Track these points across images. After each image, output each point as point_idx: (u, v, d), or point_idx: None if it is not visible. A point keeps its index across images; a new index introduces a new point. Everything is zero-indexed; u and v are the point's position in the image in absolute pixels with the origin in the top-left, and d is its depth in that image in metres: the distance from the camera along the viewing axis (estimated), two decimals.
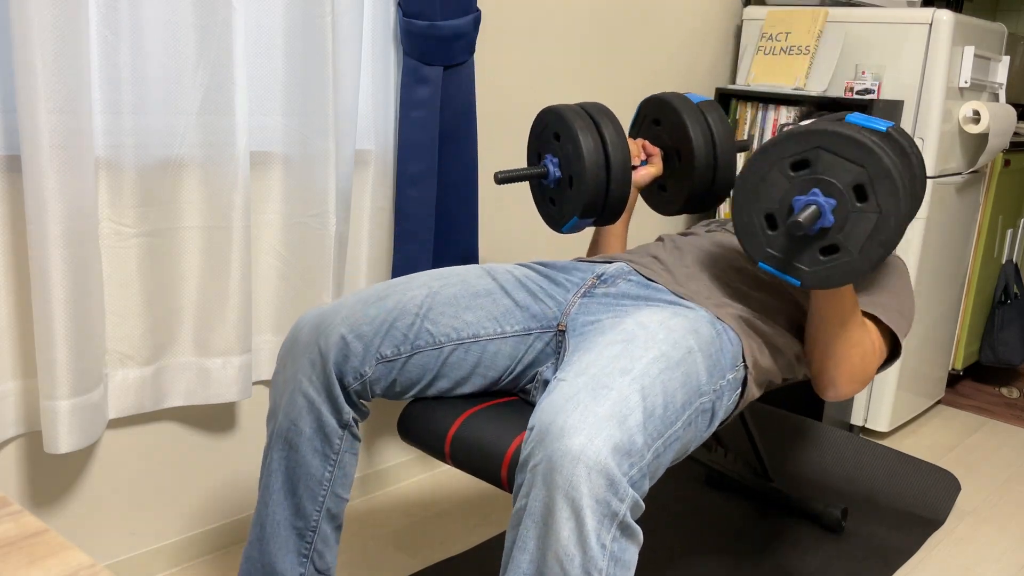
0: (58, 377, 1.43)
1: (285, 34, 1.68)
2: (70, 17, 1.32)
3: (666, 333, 1.23)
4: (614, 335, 1.22)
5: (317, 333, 1.31)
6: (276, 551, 1.35)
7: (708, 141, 1.67)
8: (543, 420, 1.08)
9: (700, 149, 1.67)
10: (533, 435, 1.08)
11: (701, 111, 1.70)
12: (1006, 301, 3.15)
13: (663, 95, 1.74)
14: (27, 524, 0.65)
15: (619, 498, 1.05)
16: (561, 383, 1.13)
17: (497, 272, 1.47)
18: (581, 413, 1.06)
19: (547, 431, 1.06)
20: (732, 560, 1.90)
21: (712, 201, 1.75)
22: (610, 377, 1.12)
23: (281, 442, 1.34)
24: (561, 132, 1.56)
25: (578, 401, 1.08)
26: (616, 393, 1.09)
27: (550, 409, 1.08)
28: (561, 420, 1.06)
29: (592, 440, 1.03)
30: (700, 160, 1.67)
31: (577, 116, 1.55)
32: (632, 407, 1.09)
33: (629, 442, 1.06)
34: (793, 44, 2.56)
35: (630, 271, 1.47)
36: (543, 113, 1.62)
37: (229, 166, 1.60)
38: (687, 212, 1.78)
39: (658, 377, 1.15)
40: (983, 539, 2.10)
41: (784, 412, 2.63)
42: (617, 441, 1.05)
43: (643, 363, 1.15)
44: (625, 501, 1.06)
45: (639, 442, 1.08)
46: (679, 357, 1.20)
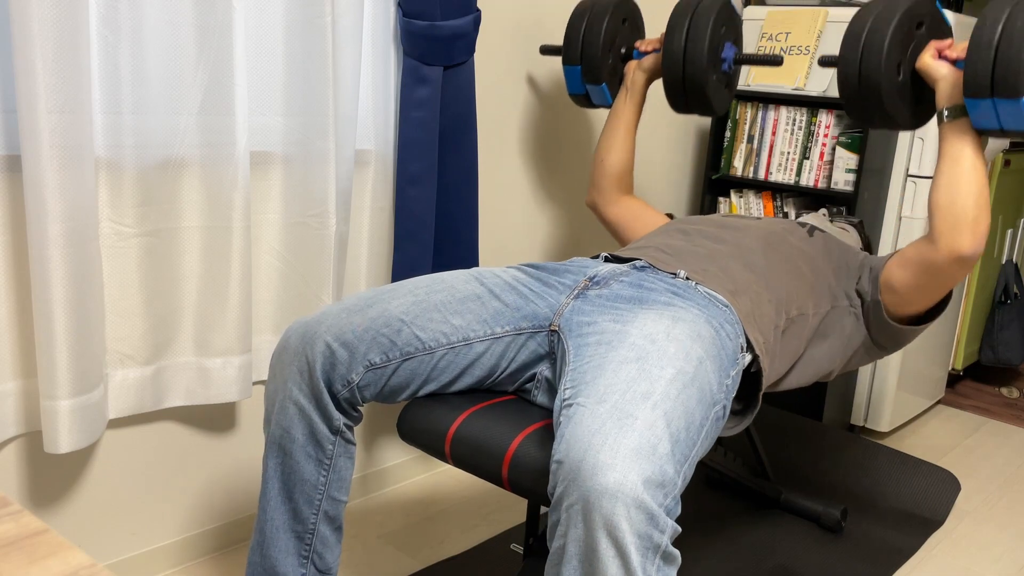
0: (58, 377, 1.43)
1: (285, 34, 1.68)
2: (70, 17, 1.32)
3: (676, 346, 1.23)
4: (625, 351, 1.21)
5: (303, 342, 1.32)
6: (277, 554, 1.36)
7: (681, 38, 1.85)
8: (572, 456, 1.07)
9: (670, 42, 1.86)
10: (563, 471, 1.07)
11: (693, 13, 1.86)
12: (1006, 301, 3.15)
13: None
14: (27, 524, 0.65)
15: (660, 530, 1.05)
16: (581, 410, 1.12)
17: (485, 277, 1.47)
18: (611, 448, 1.05)
19: (578, 468, 1.05)
20: (732, 560, 1.90)
21: (688, 100, 1.91)
22: (632, 404, 1.11)
23: (276, 449, 1.35)
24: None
25: (605, 434, 1.07)
26: (641, 422, 1.09)
27: (577, 444, 1.07)
28: (592, 457, 1.05)
29: (627, 476, 1.03)
30: (669, 54, 1.86)
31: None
32: (659, 436, 1.09)
33: (661, 473, 1.06)
34: (793, 44, 2.55)
35: (624, 272, 1.47)
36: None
37: (229, 166, 1.60)
38: (671, 105, 1.95)
39: (678, 398, 1.15)
40: (983, 539, 2.10)
41: (784, 412, 2.63)
42: (649, 474, 1.05)
43: (662, 384, 1.15)
44: (666, 532, 1.06)
45: (670, 472, 1.08)
46: (693, 371, 1.20)
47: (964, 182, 1.53)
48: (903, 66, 1.62)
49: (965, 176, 1.53)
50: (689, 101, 1.92)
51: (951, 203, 1.53)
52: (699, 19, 1.86)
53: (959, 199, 1.52)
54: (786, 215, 2.56)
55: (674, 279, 1.45)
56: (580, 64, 1.99)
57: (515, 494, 1.32)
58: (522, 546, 1.88)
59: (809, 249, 1.66)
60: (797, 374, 1.58)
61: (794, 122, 2.50)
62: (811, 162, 2.48)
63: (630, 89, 2.01)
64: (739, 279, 1.48)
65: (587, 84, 2.01)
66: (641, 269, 1.49)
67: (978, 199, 1.52)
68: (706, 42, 1.84)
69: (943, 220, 1.54)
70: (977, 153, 1.54)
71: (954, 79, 1.56)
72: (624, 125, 2.02)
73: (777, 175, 2.55)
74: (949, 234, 1.53)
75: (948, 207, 1.53)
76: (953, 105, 1.55)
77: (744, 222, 1.70)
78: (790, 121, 2.51)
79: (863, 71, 1.59)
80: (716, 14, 1.86)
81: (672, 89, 1.90)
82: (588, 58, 1.98)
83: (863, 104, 1.64)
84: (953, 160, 1.54)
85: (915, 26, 1.62)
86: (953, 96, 1.56)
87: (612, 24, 1.98)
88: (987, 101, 1.46)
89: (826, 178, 2.46)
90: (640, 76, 2.00)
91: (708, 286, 1.43)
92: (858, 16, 1.63)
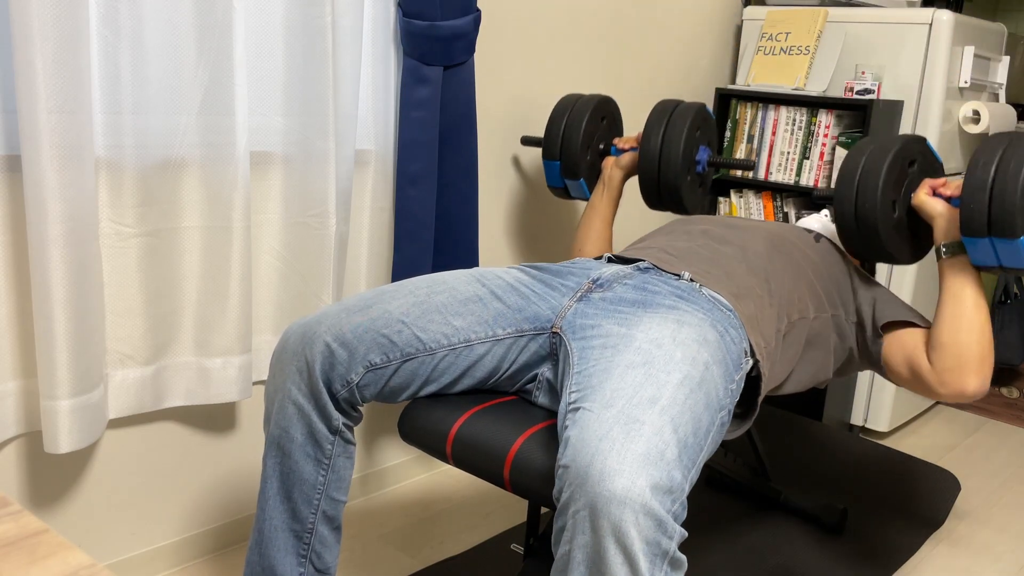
0: (58, 377, 1.43)
1: (285, 34, 1.68)
2: (70, 17, 1.32)
3: (682, 351, 1.22)
4: (631, 356, 1.21)
5: (303, 342, 1.32)
6: (275, 554, 1.36)
7: (657, 140, 1.92)
8: (579, 461, 1.06)
9: (647, 144, 1.93)
10: (570, 476, 1.07)
11: (670, 117, 1.94)
12: (1006, 301, 3.15)
13: (664, 101, 1.98)
14: (27, 524, 0.65)
15: (668, 536, 1.05)
16: (587, 415, 1.12)
17: (487, 277, 1.46)
18: (618, 453, 1.05)
19: (586, 474, 1.05)
20: (732, 560, 1.90)
21: (663, 199, 1.98)
22: (639, 409, 1.11)
23: (275, 449, 1.35)
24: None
25: (612, 440, 1.07)
26: (649, 428, 1.09)
27: (584, 449, 1.07)
28: (599, 462, 1.05)
29: (635, 482, 1.03)
30: (645, 155, 1.93)
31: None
32: (667, 441, 1.09)
33: (669, 479, 1.06)
34: (793, 44, 2.55)
35: (628, 274, 1.47)
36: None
37: (229, 166, 1.60)
38: (646, 202, 2.02)
39: (685, 403, 1.15)
40: (983, 539, 2.10)
41: (784, 412, 2.63)
42: (657, 480, 1.05)
43: (669, 390, 1.15)
44: (674, 538, 1.06)
45: (678, 477, 1.08)
46: (699, 376, 1.20)
47: (967, 322, 1.53)
48: (898, 204, 1.65)
49: (968, 314, 1.53)
50: (663, 200, 1.98)
51: (955, 342, 1.53)
52: (675, 123, 1.92)
53: (963, 338, 1.53)
54: (786, 215, 2.56)
55: (678, 280, 1.45)
56: (559, 160, 2.05)
57: (516, 495, 1.31)
58: (522, 546, 1.88)
59: (813, 254, 1.66)
60: (795, 379, 1.58)
61: (794, 122, 2.50)
62: (811, 162, 2.48)
63: (607, 185, 2.05)
64: (743, 282, 1.48)
65: (566, 179, 2.06)
66: (644, 271, 1.49)
67: (981, 337, 1.53)
68: (681, 146, 1.90)
69: (948, 358, 1.54)
70: (978, 290, 1.55)
71: (950, 216, 1.58)
72: (601, 218, 2.05)
73: (777, 175, 2.55)
74: (954, 373, 1.53)
75: (952, 346, 1.53)
76: (950, 242, 1.57)
77: (750, 224, 1.70)
78: (790, 121, 2.51)
79: (859, 211, 1.63)
80: (692, 118, 1.92)
81: (647, 189, 1.96)
82: (567, 155, 2.03)
83: (862, 240, 1.67)
84: (955, 298, 1.55)
85: (907, 164, 1.65)
86: (950, 233, 1.58)
87: (591, 122, 2.04)
88: (985, 240, 1.48)
89: (826, 178, 2.46)
90: (617, 173, 2.04)
91: (712, 288, 1.43)
92: (850, 156, 1.66)
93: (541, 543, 1.49)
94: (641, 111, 2.58)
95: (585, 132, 2.02)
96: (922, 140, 1.70)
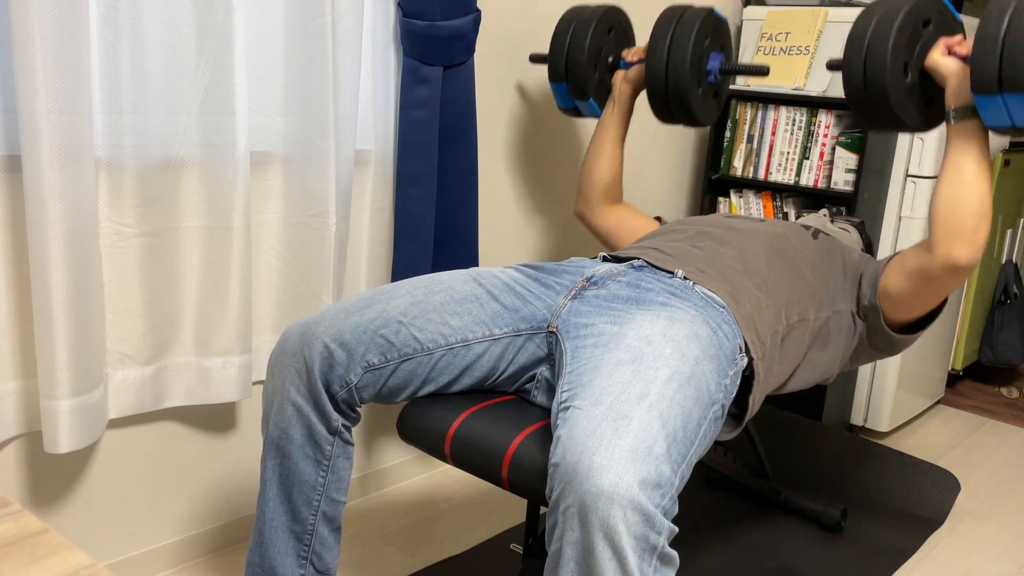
0: (58, 377, 1.43)
1: (285, 34, 1.68)
2: (70, 17, 1.32)
3: (672, 347, 1.22)
4: (621, 353, 1.21)
5: (301, 343, 1.32)
6: (275, 555, 1.36)
7: (663, 49, 1.83)
8: (568, 459, 1.07)
9: (652, 54, 1.84)
10: (559, 474, 1.07)
11: (677, 24, 1.84)
12: (1006, 301, 3.15)
13: (672, 7, 1.89)
14: (27, 524, 0.65)
15: (656, 531, 1.05)
16: (577, 412, 1.12)
17: (484, 277, 1.47)
18: (606, 449, 1.05)
19: (574, 471, 1.05)
20: (732, 560, 1.90)
21: (673, 112, 1.89)
22: (627, 405, 1.11)
23: (274, 450, 1.35)
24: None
25: (600, 436, 1.07)
26: (637, 423, 1.09)
27: (573, 446, 1.07)
28: (587, 459, 1.05)
29: (622, 477, 1.03)
30: (651, 66, 1.85)
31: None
32: (655, 436, 1.09)
33: (657, 473, 1.06)
34: (793, 44, 2.55)
35: (621, 272, 1.47)
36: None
37: (229, 166, 1.60)
38: (656, 116, 1.94)
39: (674, 398, 1.15)
40: (983, 539, 2.10)
41: (784, 412, 2.63)
42: (645, 475, 1.05)
43: (658, 385, 1.15)
44: (663, 533, 1.06)
45: (666, 472, 1.08)
46: (689, 372, 1.20)
47: (965, 191, 1.50)
48: (911, 66, 1.57)
49: (966, 184, 1.50)
50: (673, 113, 1.89)
51: (951, 212, 1.50)
52: (682, 30, 1.82)
53: (958, 208, 1.50)
54: (786, 215, 2.56)
55: (671, 278, 1.45)
56: (566, 81, 1.98)
57: (515, 494, 1.32)
58: (522, 546, 1.88)
59: (812, 253, 1.65)
60: (798, 378, 1.58)
61: (794, 122, 2.50)
62: (811, 162, 2.48)
63: (616, 101, 1.99)
64: (739, 282, 1.47)
65: (575, 100, 2.00)
66: (639, 269, 1.49)
67: (978, 209, 1.49)
68: (688, 54, 1.80)
69: (941, 228, 1.51)
70: (981, 160, 1.51)
71: (963, 76, 1.50)
72: (611, 137, 1.99)
73: (777, 175, 2.55)
74: (946, 243, 1.51)
75: (947, 215, 1.50)
76: (961, 105, 1.51)
77: (748, 224, 1.69)
78: (790, 121, 2.51)
79: (868, 74, 1.54)
80: (699, 25, 1.82)
81: (655, 101, 1.88)
82: (574, 74, 1.96)
83: (871, 108, 1.58)
84: (956, 167, 1.51)
85: (922, 24, 1.57)
86: (961, 95, 1.51)
87: (596, 36, 1.95)
88: (996, 98, 1.41)
89: (826, 178, 2.46)
90: (626, 88, 1.98)
91: (706, 287, 1.43)
92: (861, 17, 1.58)
93: (540, 543, 1.49)
94: (653, 18, 2.52)
95: (590, 48, 1.93)
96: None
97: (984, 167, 1.51)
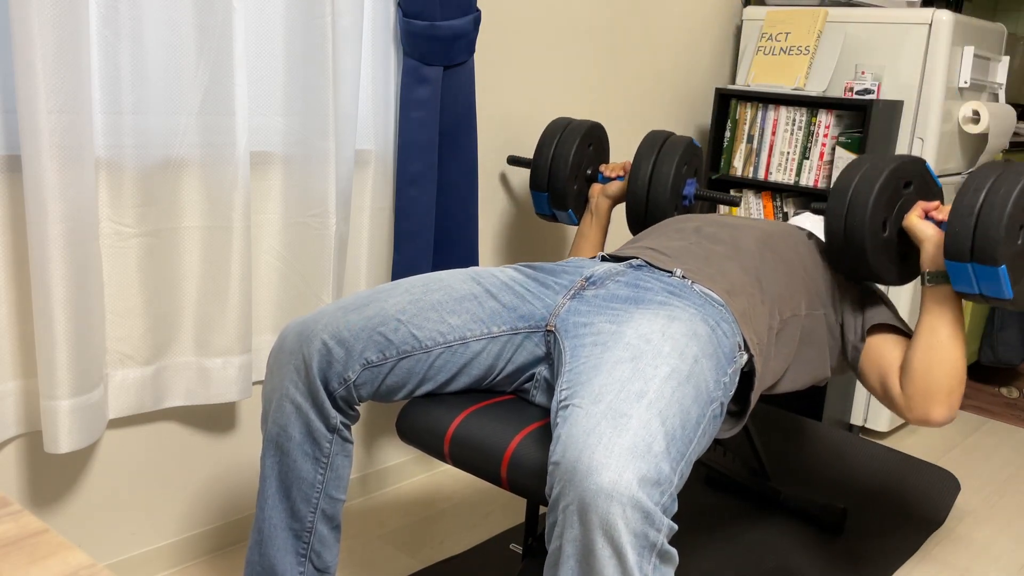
0: (58, 377, 1.43)
1: (285, 34, 1.68)
2: (70, 17, 1.32)
3: (671, 345, 1.22)
4: (620, 351, 1.21)
5: (300, 341, 1.32)
6: (275, 553, 1.36)
7: (646, 173, 1.93)
8: (568, 457, 1.07)
9: (635, 176, 1.94)
10: (559, 472, 1.08)
11: (659, 151, 1.95)
12: None
13: (654, 133, 2.00)
14: (27, 524, 0.66)
15: (656, 528, 1.05)
16: (576, 411, 1.12)
17: (482, 276, 1.47)
18: (605, 447, 1.06)
19: (574, 469, 1.06)
20: (732, 560, 1.90)
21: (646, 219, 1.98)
22: (627, 403, 1.11)
23: (273, 447, 1.35)
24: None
25: (600, 434, 1.07)
26: (636, 421, 1.09)
27: (572, 445, 1.08)
28: (587, 457, 1.05)
29: (621, 475, 1.03)
30: (633, 187, 1.94)
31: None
32: (654, 434, 1.09)
33: (656, 471, 1.06)
34: (793, 44, 2.55)
35: (620, 271, 1.47)
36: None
37: (229, 166, 1.60)
38: (632, 232, 2.01)
39: (673, 396, 1.15)
40: (983, 539, 2.10)
41: (784, 412, 2.63)
42: (645, 473, 1.05)
43: (656, 383, 1.15)
44: (662, 530, 1.06)
45: (666, 470, 1.08)
46: (688, 370, 1.20)
47: (941, 352, 1.53)
48: (889, 223, 1.63)
49: (942, 346, 1.53)
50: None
51: (927, 372, 1.53)
52: (664, 157, 1.92)
53: (934, 370, 1.52)
54: (786, 215, 2.56)
55: (670, 277, 1.45)
56: (547, 192, 2.05)
57: (514, 494, 1.32)
58: (522, 546, 1.88)
59: (806, 252, 1.66)
60: (792, 377, 1.58)
61: (794, 122, 2.50)
62: (811, 162, 2.48)
63: (595, 213, 2.06)
64: (735, 279, 1.48)
65: (554, 209, 2.07)
66: (637, 268, 1.50)
67: (952, 371, 1.52)
68: (670, 180, 1.91)
69: (917, 385, 1.54)
70: (956, 323, 1.54)
71: (938, 241, 1.56)
72: (591, 245, 2.05)
73: (777, 175, 2.55)
74: (922, 403, 1.54)
75: (923, 375, 1.53)
76: (935, 270, 1.55)
77: (742, 222, 1.70)
78: (790, 121, 2.51)
79: (848, 226, 1.61)
80: (681, 153, 1.92)
81: (633, 219, 1.97)
82: (554, 187, 2.03)
83: (849, 258, 1.64)
84: (931, 329, 1.54)
85: (903, 185, 1.64)
86: (936, 260, 1.55)
87: (579, 153, 2.04)
88: (966, 266, 1.47)
89: (826, 178, 2.46)
90: (604, 202, 2.05)
91: (703, 285, 1.43)
92: (846, 171, 1.65)
93: (540, 543, 1.49)
94: (628, 135, 2.58)
95: (573, 163, 2.02)
96: (921, 162, 1.68)
97: (958, 329, 1.55)
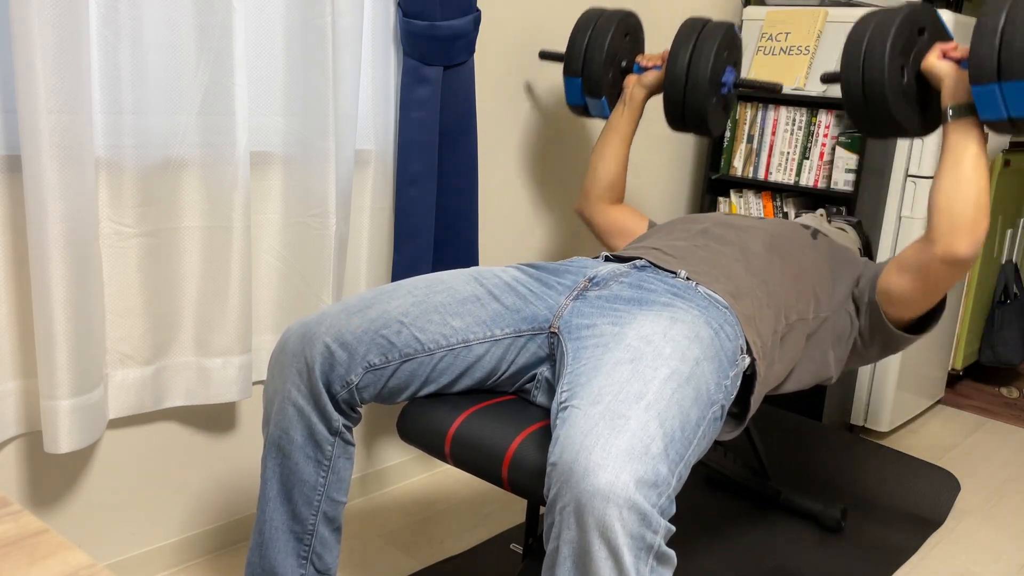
0: (58, 377, 1.43)
1: (285, 34, 1.68)
2: (70, 17, 1.32)
3: (672, 347, 1.22)
4: (620, 353, 1.21)
5: (302, 343, 1.32)
6: (276, 555, 1.36)
7: (684, 61, 1.87)
8: (565, 458, 1.07)
9: (673, 64, 1.88)
10: (557, 473, 1.07)
11: (698, 37, 1.88)
12: (1006, 301, 3.15)
13: (692, 19, 1.93)
14: (27, 524, 0.65)
15: (652, 530, 1.05)
16: (575, 412, 1.12)
17: (485, 277, 1.46)
18: (603, 448, 1.05)
19: (571, 470, 1.05)
20: (732, 560, 1.90)
21: (687, 121, 1.93)
22: (625, 404, 1.11)
23: (274, 450, 1.35)
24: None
25: (597, 435, 1.07)
26: (634, 423, 1.09)
27: (570, 446, 1.07)
28: (584, 458, 1.05)
29: (619, 476, 1.03)
30: (671, 76, 1.88)
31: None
32: (652, 435, 1.09)
33: (654, 473, 1.06)
34: (793, 44, 2.55)
35: (624, 272, 1.47)
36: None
37: (229, 166, 1.60)
38: (669, 123, 1.97)
39: (672, 398, 1.15)
40: (983, 539, 2.10)
41: (784, 412, 2.63)
42: (642, 474, 1.05)
43: (656, 385, 1.15)
44: (659, 532, 1.06)
45: (663, 471, 1.08)
46: (688, 372, 1.20)
47: (964, 184, 1.52)
48: (907, 69, 1.62)
49: (966, 178, 1.52)
50: (687, 122, 1.93)
51: (950, 205, 1.52)
52: (703, 43, 1.87)
53: (958, 202, 1.51)
54: (786, 215, 2.56)
55: (674, 279, 1.45)
56: (581, 77, 2.01)
57: (515, 494, 1.31)
58: (521, 546, 1.88)
59: (812, 253, 1.66)
60: (795, 378, 1.58)
61: (794, 122, 2.50)
62: (811, 162, 2.48)
63: (628, 103, 2.02)
64: (741, 282, 1.48)
65: (587, 97, 2.03)
66: (641, 269, 1.49)
67: (977, 202, 1.51)
68: (709, 66, 1.85)
69: (941, 222, 1.53)
70: (980, 154, 1.53)
71: (958, 76, 1.56)
72: (620, 137, 2.02)
73: (777, 175, 2.55)
74: (947, 236, 1.52)
75: (947, 209, 1.52)
76: (957, 103, 1.55)
77: (749, 223, 1.70)
78: (790, 121, 2.51)
79: (866, 77, 1.58)
80: (720, 38, 1.87)
81: (672, 109, 1.92)
82: (590, 72, 1.99)
83: (870, 113, 1.62)
84: (955, 161, 1.53)
85: (916, 32, 1.63)
86: (958, 94, 1.55)
87: (614, 39, 1.99)
88: (993, 86, 1.45)
89: (826, 178, 2.46)
90: (640, 91, 2.01)
91: (709, 287, 1.43)
92: (858, 25, 1.63)
93: (540, 543, 1.49)
94: (664, 28, 2.54)
95: (609, 49, 1.97)
96: (932, 9, 1.66)
97: (982, 161, 1.53)
